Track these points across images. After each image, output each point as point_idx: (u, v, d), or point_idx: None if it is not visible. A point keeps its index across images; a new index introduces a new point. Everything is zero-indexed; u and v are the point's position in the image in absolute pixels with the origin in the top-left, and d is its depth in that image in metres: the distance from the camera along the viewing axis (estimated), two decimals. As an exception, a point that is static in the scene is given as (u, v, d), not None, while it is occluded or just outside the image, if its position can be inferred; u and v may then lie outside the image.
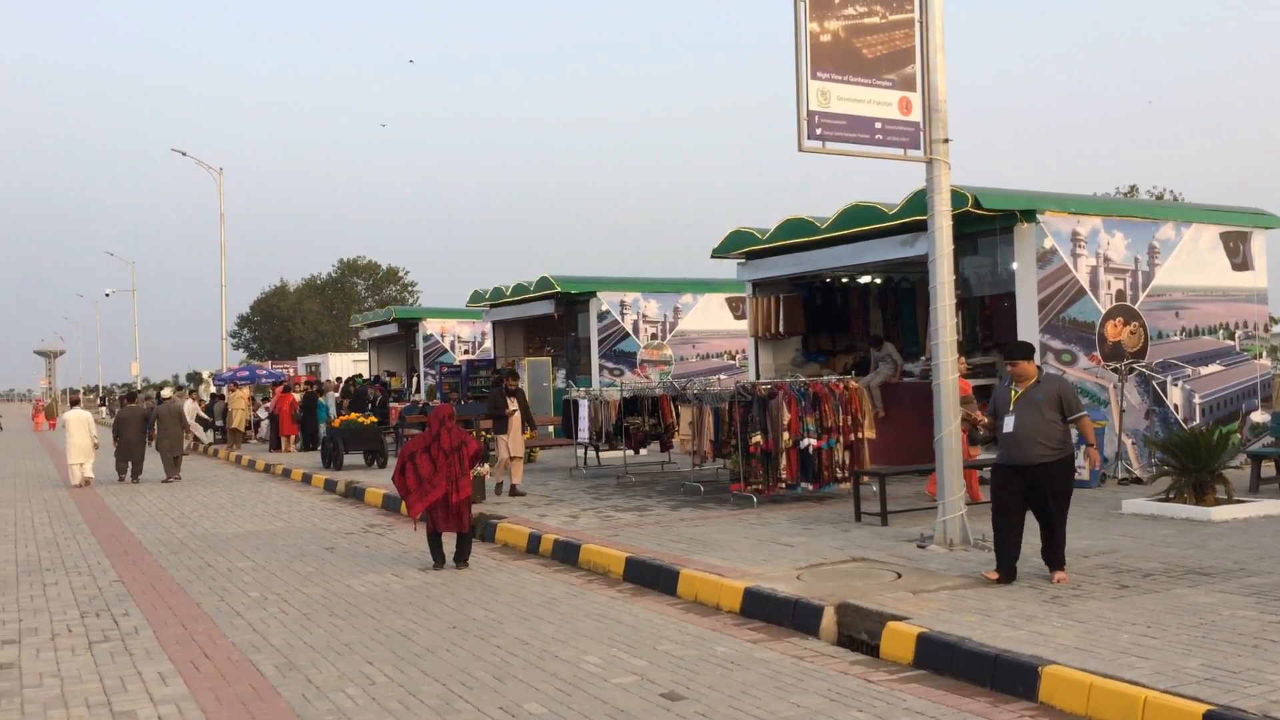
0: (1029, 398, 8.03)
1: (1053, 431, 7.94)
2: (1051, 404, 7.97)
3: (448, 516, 10.11)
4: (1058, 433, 7.95)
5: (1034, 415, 7.95)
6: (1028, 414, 7.98)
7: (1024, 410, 8.01)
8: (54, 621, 8.37)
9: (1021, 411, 8.02)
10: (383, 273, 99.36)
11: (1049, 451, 7.90)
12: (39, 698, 6.29)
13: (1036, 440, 7.91)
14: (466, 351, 33.27)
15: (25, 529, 14.09)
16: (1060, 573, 7.93)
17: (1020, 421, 8.00)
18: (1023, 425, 7.98)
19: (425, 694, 6.16)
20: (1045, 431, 7.92)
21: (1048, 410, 7.95)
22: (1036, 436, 7.92)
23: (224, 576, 10.15)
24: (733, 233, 17.36)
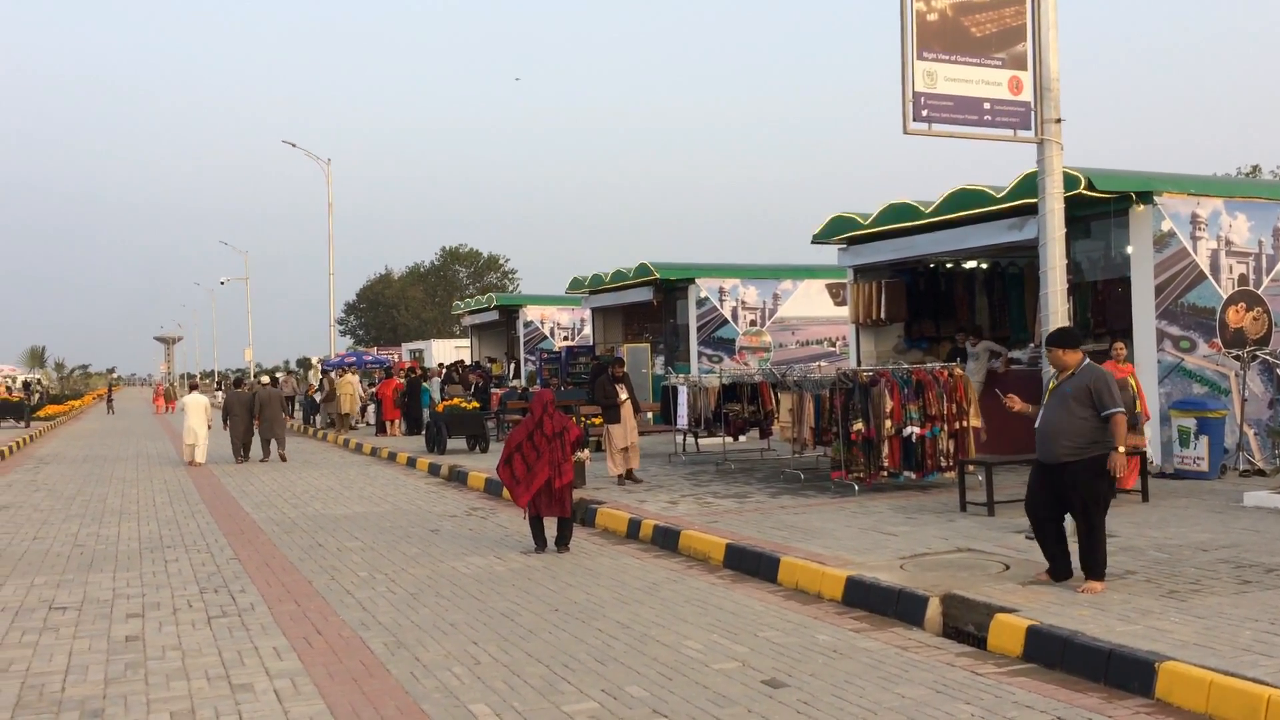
0: (1060, 391, 7.50)
1: (1079, 428, 7.32)
2: (1081, 398, 7.35)
3: (550, 501, 10.22)
4: (1085, 430, 7.32)
5: (1060, 410, 7.41)
6: (1054, 408, 7.46)
7: (1052, 404, 7.51)
8: (175, 597, 8.71)
9: (1049, 405, 7.53)
10: (484, 260, 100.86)
11: (1072, 450, 7.31)
12: (162, 669, 6.55)
13: (1059, 437, 7.37)
14: (566, 338, 33.58)
15: (147, 508, 14.70)
16: (1092, 582, 7.23)
17: (1046, 417, 7.53)
18: (1047, 421, 7.49)
19: (529, 674, 6.25)
20: (1070, 428, 7.33)
21: (1076, 405, 7.35)
22: (1060, 433, 7.37)
23: (334, 556, 10.43)
24: (834, 218, 17.15)
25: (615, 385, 14.52)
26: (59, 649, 7.07)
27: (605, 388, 14.62)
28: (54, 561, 10.44)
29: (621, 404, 14.35)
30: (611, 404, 14.42)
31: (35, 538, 12.03)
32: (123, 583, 9.32)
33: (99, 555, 10.76)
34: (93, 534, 12.25)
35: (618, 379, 14.67)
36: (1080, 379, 7.43)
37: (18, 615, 8.09)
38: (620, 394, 14.42)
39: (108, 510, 14.45)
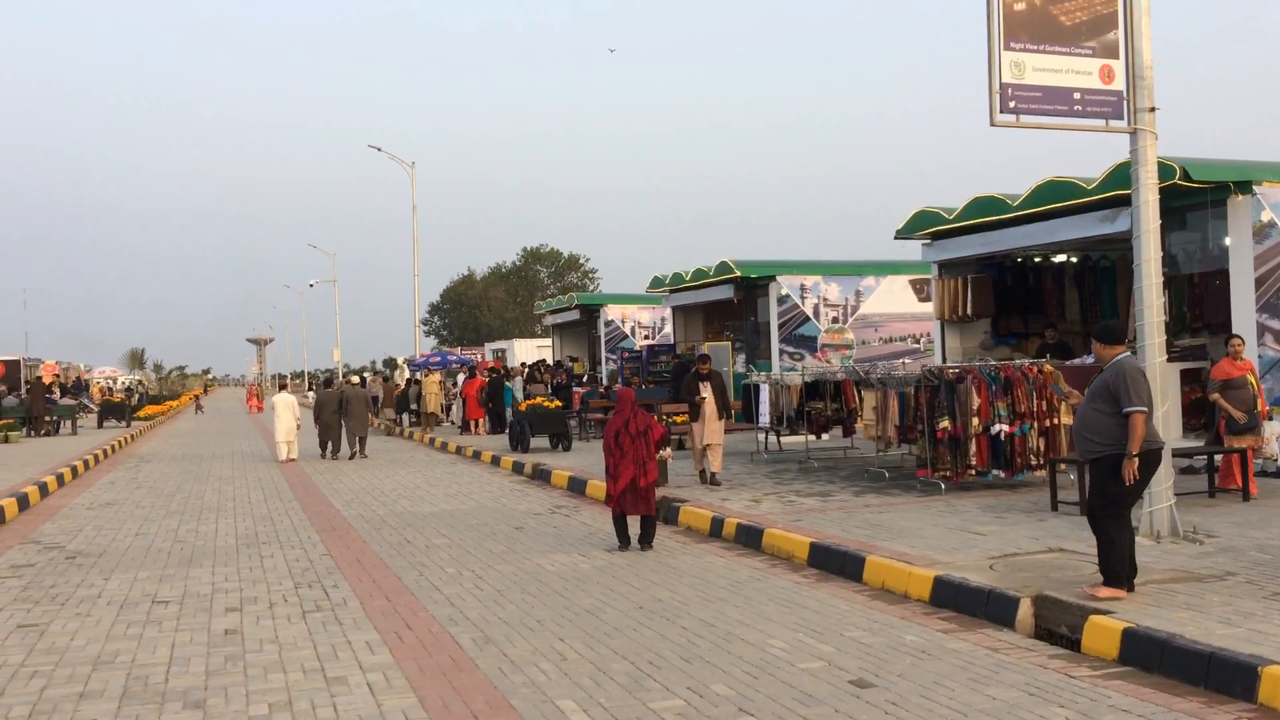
0: (1091, 386, 7.43)
1: (1099, 424, 7.19)
2: (1101, 393, 7.20)
3: (635, 500, 10.27)
4: (1104, 425, 7.16)
5: (1087, 405, 7.34)
6: (1084, 404, 7.41)
7: (1086, 399, 7.44)
8: (271, 591, 8.95)
9: (1084, 401, 7.47)
10: (564, 260, 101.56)
11: (1094, 446, 7.20)
12: (259, 662, 6.75)
13: (1084, 433, 7.31)
14: (646, 337, 33.65)
15: (243, 505, 15.12)
16: (1096, 586, 6.97)
17: (1078, 412, 7.48)
18: (1078, 416, 7.44)
19: (615, 671, 6.29)
20: (1092, 423, 7.24)
21: (1099, 400, 7.21)
22: (1084, 429, 7.31)
23: (422, 553, 10.62)
24: (918, 213, 16.91)
25: (699, 383, 14.37)
26: (162, 641, 7.32)
27: (690, 385, 14.48)
28: (156, 557, 10.80)
29: (700, 401, 14.17)
30: (691, 401, 14.29)
31: (138, 534, 12.46)
32: (221, 577, 9.61)
33: (198, 551, 11.11)
34: (192, 530, 12.65)
35: (703, 376, 14.45)
36: (1105, 374, 7.34)
37: (123, 608, 8.39)
38: (702, 391, 14.22)
39: (205, 507, 14.90)
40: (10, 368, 52.19)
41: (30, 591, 9.14)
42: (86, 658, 6.91)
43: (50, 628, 7.76)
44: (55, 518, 14.12)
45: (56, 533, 12.70)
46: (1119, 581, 6.98)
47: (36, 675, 6.52)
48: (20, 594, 9.04)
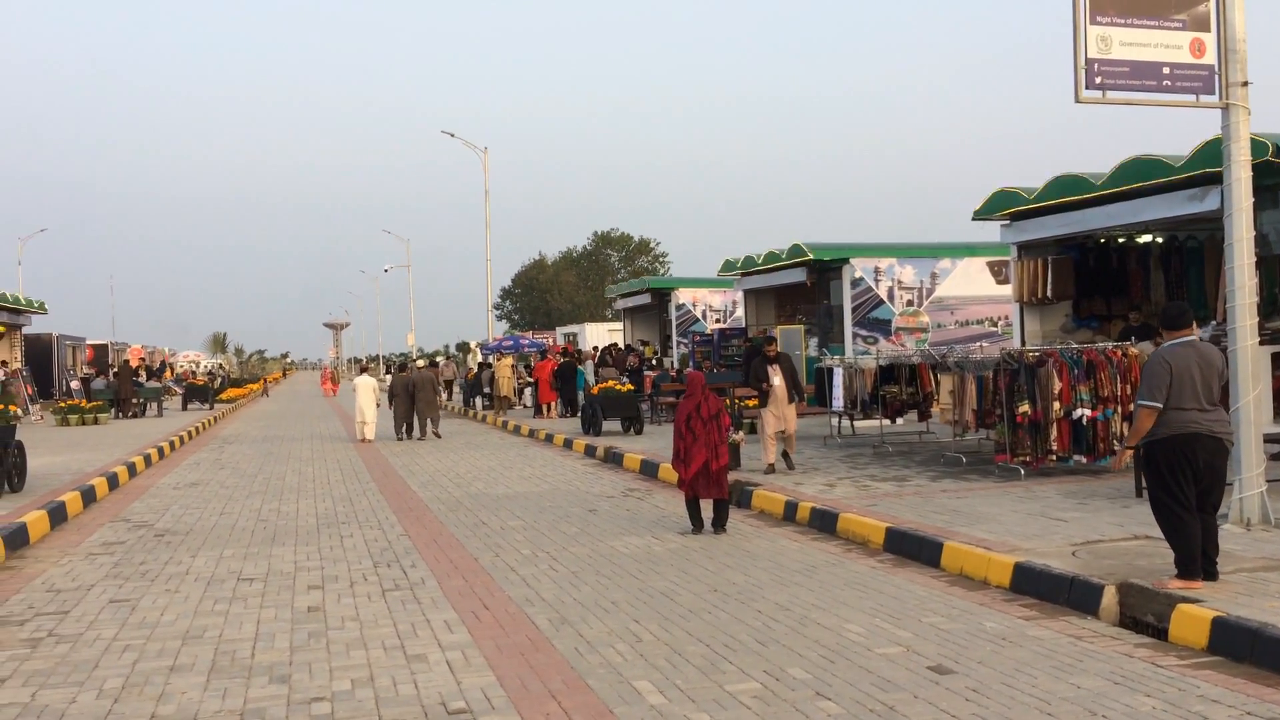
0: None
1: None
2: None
3: (708, 484, 10.26)
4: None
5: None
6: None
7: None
8: (351, 570, 9.13)
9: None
10: (635, 244, 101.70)
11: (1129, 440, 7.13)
12: (342, 639, 6.88)
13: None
14: (718, 320, 33.55)
15: (322, 485, 15.43)
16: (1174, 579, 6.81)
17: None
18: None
19: (690, 654, 6.29)
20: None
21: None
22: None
23: (497, 534, 10.73)
24: (996, 193, 16.57)
25: (769, 366, 14.03)
26: (247, 617, 7.51)
27: (758, 369, 14.09)
28: (240, 535, 11.07)
29: (771, 387, 13.81)
30: (759, 386, 13.94)
31: (222, 513, 12.78)
32: (303, 556, 9.82)
33: (280, 530, 11.36)
34: (274, 510, 12.94)
35: (770, 359, 14.12)
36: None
37: (209, 585, 8.62)
38: (772, 376, 13.90)
39: (286, 488, 15.23)
40: (99, 352, 53.88)
41: (121, 568, 9.43)
42: (176, 632, 7.11)
43: (141, 603, 8.01)
44: (144, 497, 14.55)
45: (145, 511, 13.09)
46: (1193, 573, 6.79)
47: (129, 649, 6.73)
48: (112, 570, 9.34)
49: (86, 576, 9.08)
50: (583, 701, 5.49)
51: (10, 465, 13.63)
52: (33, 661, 6.47)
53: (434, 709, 5.44)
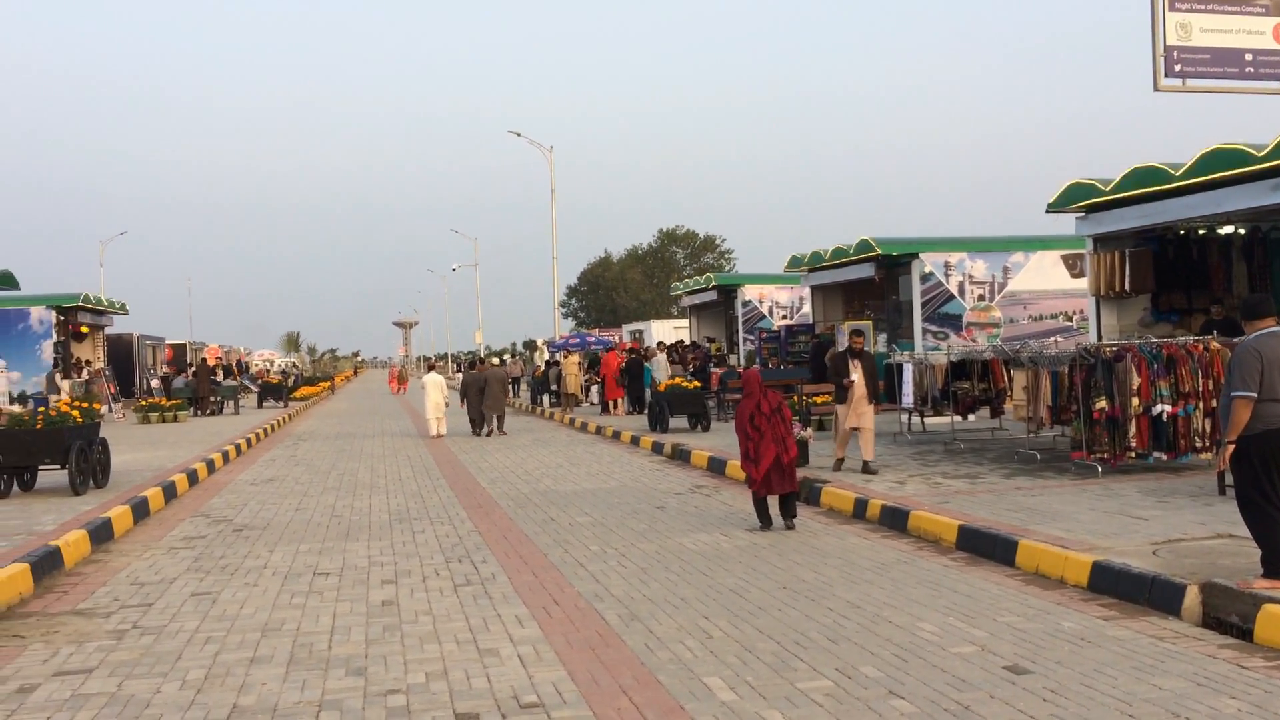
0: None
1: (1223, 407, 6.88)
2: (1227, 375, 6.85)
3: (781, 478, 10.22)
4: (1226, 408, 6.80)
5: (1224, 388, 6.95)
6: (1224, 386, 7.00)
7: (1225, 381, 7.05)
8: (423, 565, 9.25)
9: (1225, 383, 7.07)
10: (700, 241, 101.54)
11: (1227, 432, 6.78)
12: (415, 633, 6.97)
13: (1221, 417, 6.94)
14: (784, 317, 33.34)
15: (394, 482, 15.66)
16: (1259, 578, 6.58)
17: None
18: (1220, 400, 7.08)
19: (761, 650, 6.27)
20: (1223, 407, 6.91)
21: (1226, 382, 6.86)
22: (1220, 413, 6.94)
23: (566, 530, 10.79)
24: (1071, 184, 16.23)
25: (851, 360, 13.22)
26: (324, 611, 7.65)
27: (839, 364, 13.39)
28: (315, 530, 11.28)
29: (851, 384, 13.16)
30: (839, 382, 13.33)
31: (298, 508, 13.04)
32: (376, 551, 9.97)
33: (354, 525, 11.55)
34: (347, 505, 13.16)
35: (856, 353, 13.34)
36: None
37: (286, 579, 8.80)
38: (852, 372, 13.14)
39: (359, 484, 15.48)
40: (178, 351, 55.23)
41: (202, 562, 9.67)
42: (255, 625, 7.27)
43: (221, 596, 8.20)
44: (222, 493, 14.89)
45: (224, 507, 13.40)
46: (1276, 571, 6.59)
47: (210, 641, 6.89)
48: (193, 564, 9.57)
49: (169, 570, 9.32)
50: (653, 697, 5.50)
51: (95, 462, 14.05)
52: (119, 652, 6.66)
53: (506, 702, 5.50)
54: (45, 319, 32.62)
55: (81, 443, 13.56)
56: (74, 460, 13.27)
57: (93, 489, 13.80)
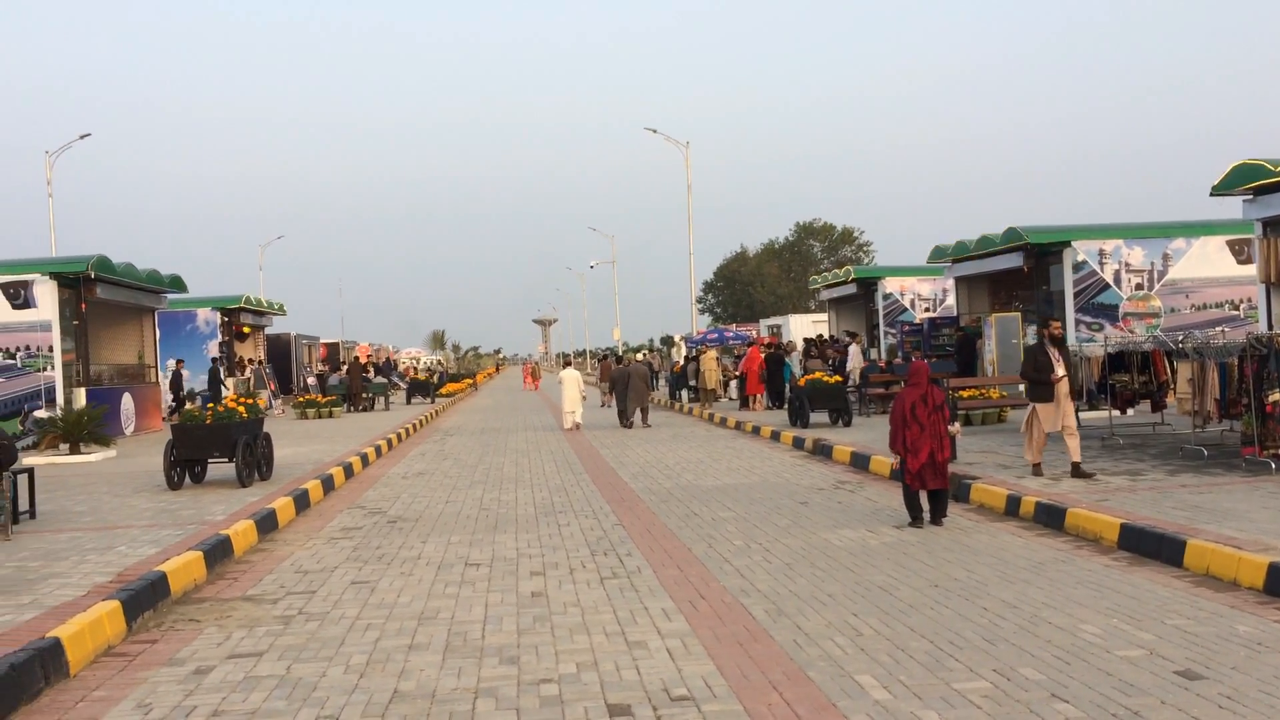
0: None
1: None
2: None
3: (934, 475, 10.01)
4: None
5: None
6: None
7: None
8: (570, 558, 9.38)
9: None
10: (838, 234, 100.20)
11: None
12: (565, 624, 7.08)
13: None
14: (927, 309, 32.61)
15: (538, 476, 15.94)
16: None
17: None
18: None
19: (913, 649, 6.14)
20: None
21: None
22: None
23: (709, 525, 10.79)
24: (1237, 166, 15.37)
25: (1055, 349, 12.00)
26: (476, 601, 7.83)
27: (1037, 357, 11.95)
28: (465, 523, 11.58)
29: (1058, 380, 11.82)
30: (1044, 379, 11.84)
31: (448, 501, 13.41)
32: (524, 543, 10.17)
33: (501, 518, 11.81)
34: (494, 499, 13.47)
35: (1057, 340, 12.21)
36: None
37: (440, 569, 9.05)
38: (1057, 367, 11.83)
39: (505, 478, 15.82)
40: (331, 350, 57.49)
41: (360, 552, 10.03)
42: (412, 613, 7.50)
43: (379, 585, 8.49)
44: (376, 485, 15.43)
45: (378, 499, 13.88)
46: None
47: (370, 627, 7.14)
48: (351, 554, 9.95)
49: (329, 559, 9.70)
50: (804, 693, 5.44)
51: (259, 455, 14.74)
52: (286, 637, 6.97)
53: (657, 694, 5.52)
54: (211, 320, 34.42)
55: (247, 437, 14.25)
56: (240, 454, 13.95)
57: (257, 481, 14.49)
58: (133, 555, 9.16)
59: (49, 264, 23.09)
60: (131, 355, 27.71)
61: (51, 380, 22.01)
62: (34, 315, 22.02)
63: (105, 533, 10.57)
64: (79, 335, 23.61)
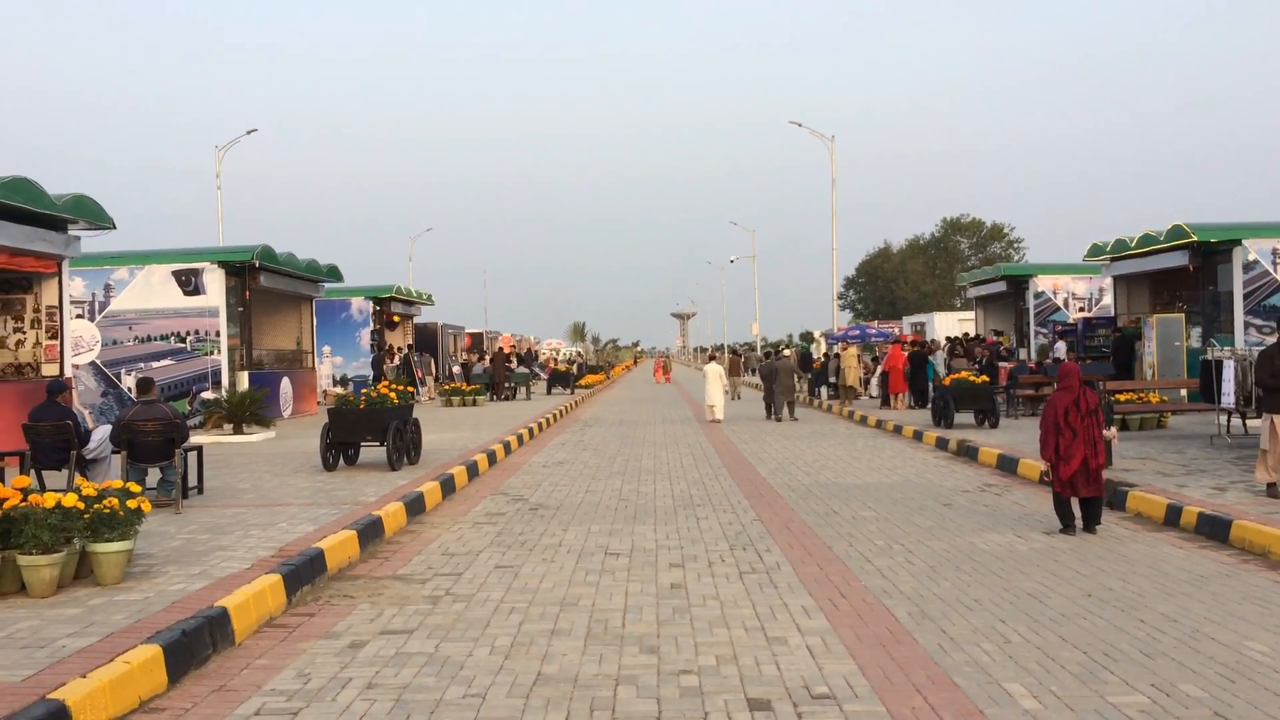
0: None
1: None
2: None
3: (1087, 481, 9.65)
4: None
5: None
6: None
7: None
8: (708, 551, 9.40)
9: None
10: (987, 230, 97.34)
11: None
12: (704, 616, 7.10)
13: None
14: (1081, 309, 31.40)
15: (676, 469, 16.01)
16: None
17: None
18: None
19: (1065, 660, 5.94)
20: None
21: None
22: None
23: (849, 524, 10.65)
24: None
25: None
26: (616, 590, 7.93)
27: (1274, 362, 10.86)
28: (604, 513, 11.72)
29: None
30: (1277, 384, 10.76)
31: (587, 490, 13.60)
32: (663, 535, 10.23)
33: (640, 509, 11.91)
34: (633, 490, 13.59)
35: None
36: None
37: (580, 557, 9.19)
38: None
39: (643, 469, 15.95)
40: (475, 340, 58.93)
41: (503, 537, 10.27)
42: (554, 599, 7.64)
43: (522, 570, 8.68)
44: (518, 473, 15.77)
45: (520, 487, 14.18)
46: None
47: (514, 611, 7.31)
48: (495, 539, 10.19)
49: (474, 543, 9.97)
50: (950, 698, 5.33)
51: (409, 440, 15.24)
52: (434, 616, 7.19)
53: (797, 691, 5.49)
54: (364, 309, 35.73)
55: (398, 422, 14.76)
56: (391, 438, 14.46)
57: (406, 465, 14.98)
58: (292, 532, 9.61)
59: (217, 253, 24.36)
60: (290, 341, 28.99)
61: (218, 364, 23.23)
62: (203, 301, 23.27)
63: (266, 509, 11.11)
64: (243, 321, 24.84)
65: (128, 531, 7.59)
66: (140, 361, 23.04)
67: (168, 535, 9.57)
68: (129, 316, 23.32)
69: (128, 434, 11.30)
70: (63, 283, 18.07)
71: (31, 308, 18.17)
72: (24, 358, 18.09)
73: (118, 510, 7.50)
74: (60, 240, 17.30)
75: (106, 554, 7.49)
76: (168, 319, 23.25)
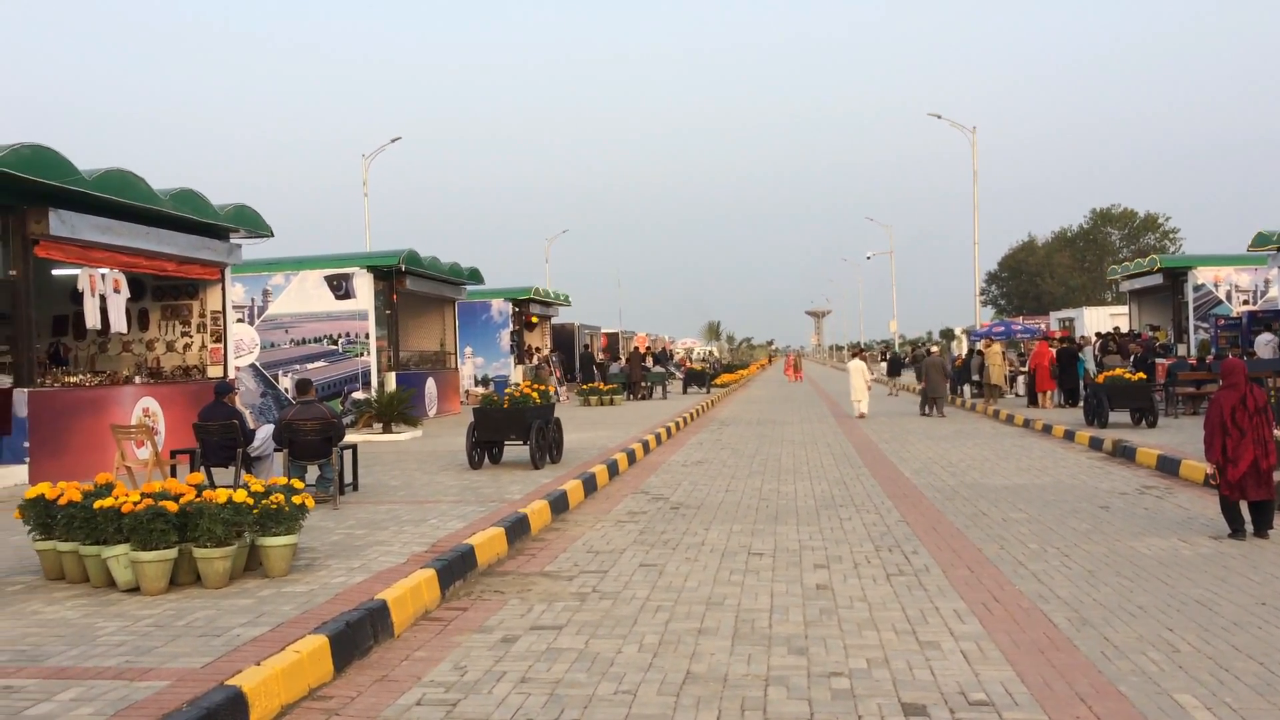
0: None
1: None
2: None
3: (1257, 484, 9.16)
4: None
5: None
6: None
7: None
8: (853, 552, 9.27)
9: None
10: (1140, 220, 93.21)
11: None
12: (852, 618, 7.01)
13: None
14: (1246, 302, 29.78)
15: (816, 468, 15.85)
16: None
17: None
18: None
19: (1239, 670, 5.65)
20: None
21: None
22: None
23: (999, 526, 10.36)
24: None
25: None
26: (761, 590, 7.90)
27: None
28: (745, 512, 11.69)
29: None
30: None
31: (727, 490, 13.58)
32: (806, 535, 10.14)
33: (781, 509, 11.84)
34: (773, 489, 13.51)
35: None
36: None
37: (724, 557, 9.19)
38: None
39: (783, 469, 15.84)
40: (611, 340, 59.53)
41: (646, 535, 10.35)
42: (699, 598, 7.66)
43: (666, 568, 8.73)
44: (657, 472, 15.86)
45: (660, 485, 14.26)
46: None
47: (660, 609, 7.36)
48: (638, 537, 10.28)
49: (617, 541, 10.08)
50: (1116, 708, 5.13)
51: (551, 440, 15.51)
52: (583, 613, 7.30)
53: (954, 697, 5.37)
54: (503, 310, 36.51)
55: (540, 422, 15.03)
56: (534, 437, 14.74)
57: (549, 464, 15.25)
58: (443, 528, 9.89)
59: (365, 258, 25.27)
60: (434, 342, 29.84)
61: (367, 365, 24.10)
62: (353, 305, 24.18)
63: (417, 506, 11.46)
64: (390, 323, 25.70)
65: (293, 526, 7.95)
66: (296, 363, 24.08)
67: (327, 530, 9.98)
68: (285, 320, 24.41)
69: (289, 433, 11.82)
70: (225, 289, 19.04)
71: (197, 313, 19.21)
72: (191, 360, 19.13)
73: (283, 506, 7.85)
74: (223, 248, 18.23)
75: (275, 547, 7.86)
76: (320, 322, 24.23)
